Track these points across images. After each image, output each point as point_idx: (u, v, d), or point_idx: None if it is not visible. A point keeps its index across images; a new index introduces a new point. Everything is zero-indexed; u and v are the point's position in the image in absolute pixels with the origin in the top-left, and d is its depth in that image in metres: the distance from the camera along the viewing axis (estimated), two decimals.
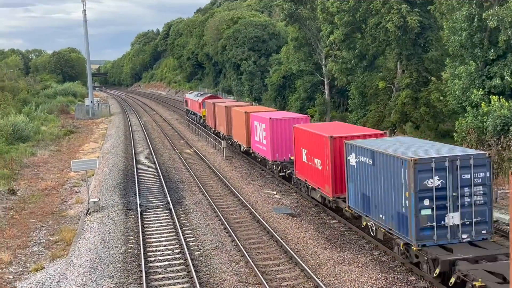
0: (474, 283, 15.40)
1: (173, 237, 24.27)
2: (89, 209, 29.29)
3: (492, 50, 32.12)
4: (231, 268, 20.31)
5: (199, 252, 22.19)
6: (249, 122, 40.24)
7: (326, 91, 61.41)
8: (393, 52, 46.35)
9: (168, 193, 32.15)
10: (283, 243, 22.22)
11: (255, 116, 38.32)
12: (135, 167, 41.14)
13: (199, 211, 28.37)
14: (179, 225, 25.70)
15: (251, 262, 20.26)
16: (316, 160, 26.66)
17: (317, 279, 18.43)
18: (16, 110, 68.23)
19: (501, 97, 30.86)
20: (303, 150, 28.66)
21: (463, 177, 17.91)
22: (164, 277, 19.73)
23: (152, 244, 23.42)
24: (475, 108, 32.01)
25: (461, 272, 16.16)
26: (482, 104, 31.11)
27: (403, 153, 18.55)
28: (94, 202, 29.43)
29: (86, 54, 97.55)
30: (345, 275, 19.02)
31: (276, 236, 23.18)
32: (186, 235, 24.40)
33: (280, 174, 34.23)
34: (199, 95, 73.11)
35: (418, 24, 42.37)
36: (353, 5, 47.23)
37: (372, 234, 21.43)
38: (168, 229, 25.60)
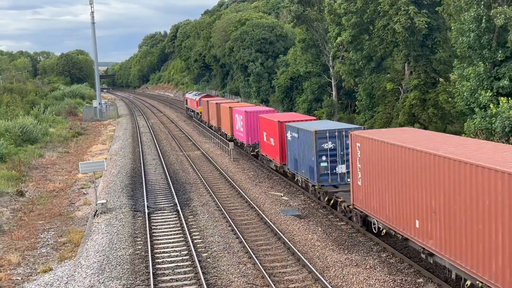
0: (339, 200, 25.31)
1: (180, 239, 24.28)
2: (97, 210, 29.36)
3: (501, 51, 31.96)
4: (238, 270, 20.29)
5: (206, 254, 22.18)
6: (232, 115, 49.11)
7: (334, 93, 61.32)
8: (401, 53, 46.22)
9: (176, 194, 32.18)
10: (291, 244, 22.18)
11: (236, 110, 47.21)
12: (142, 168, 41.21)
13: (207, 213, 28.38)
14: (187, 226, 25.71)
15: (259, 264, 20.24)
16: (271, 139, 35.77)
17: (324, 281, 18.38)
18: (25, 112, 68.59)
19: (509, 98, 30.68)
20: (264, 133, 37.57)
21: (346, 142, 25.77)
22: (172, 279, 19.74)
23: (160, 246, 23.43)
24: (483, 110, 31.85)
25: (336, 197, 25.86)
26: (490, 106, 30.95)
27: (311, 128, 28.07)
28: (102, 204, 29.49)
29: (94, 56, 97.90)
30: (353, 277, 18.96)
31: (284, 237, 23.14)
32: (194, 237, 24.40)
33: (252, 153, 42.95)
34: (196, 94, 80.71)
35: (426, 26, 42.25)
36: (361, 7, 47.17)
37: (299, 184, 31.14)
38: (175, 230, 25.61)
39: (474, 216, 14.68)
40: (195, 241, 23.85)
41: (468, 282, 15.34)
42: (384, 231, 20.54)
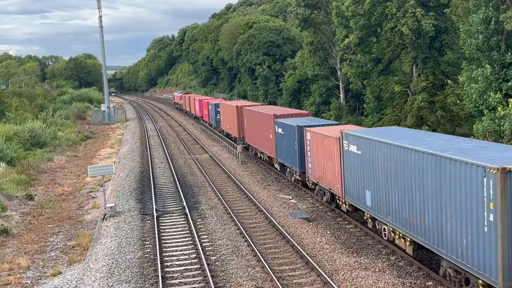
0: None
1: (189, 242, 24.30)
2: (105, 214, 29.43)
3: (509, 53, 31.81)
4: (247, 273, 20.29)
5: (215, 257, 22.19)
6: (193, 102, 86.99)
7: (342, 95, 61.27)
8: (408, 55, 46.15)
9: (184, 198, 32.22)
10: (299, 248, 22.15)
11: (195, 99, 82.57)
12: (151, 172, 41.30)
13: (215, 216, 28.39)
14: (195, 230, 25.73)
15: (267, 267, 20.22)
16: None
17: (333, 284, 18.34)
18: (33, 116, 68.86)
19: None
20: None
21: None
22: (181, 282, 19.76)
23: (169, 249, 23.47)
24: (492, 112, 31.71)
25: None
26: (498, 108, 30.81)
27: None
28: (111, 207, 29.55)
29: (102, 60, 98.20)
30: (362, 280, 18.91)
31: (292, 241, 23.12)
32: (202, 240, 24.42)
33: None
34: (180, 93, 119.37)
35: (433, 28, 42.15)
36: (368, 9, 47.13)
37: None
38: (184, 234, 25.64)
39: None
40: (204, 244, 23.86)
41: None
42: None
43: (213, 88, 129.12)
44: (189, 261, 21.84)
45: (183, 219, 28.12)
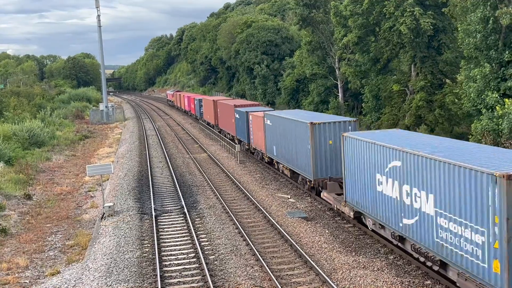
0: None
1: (187, 241, 24.31)
2: (104, 213, 29.42)
3: (507, 52, 31.82)
4: (246, 272, 20.30)
5: (213, 256, 22.20)
6: (182, 98, 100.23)
7: (340, 95, 61.29)
8: (407, 54, 46.14)
9: (183, 197, 32.23)
10: (298, 247, 22.17)
11: (185, 96, 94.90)
12: (149, 171, 41.29)
13: (214, 215, 28.40)
14: (194, 229, 25.74)
15: (266, 266, 20.24)
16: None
17: (332, 283, 18.36)
18: (32, 115, 68.80)
19: None
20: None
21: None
22: (179, 281, 19.76)
23: (167, 248, 23.47)
24: (490, 111, 31.73)
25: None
26: (496, 107, 30.82)
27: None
28: (109, 207, 29.54)
29: (100, 59, 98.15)
30: (360, 279, 18.93)
31: (291, 240, 23.14)
32: (201, 239, 24.43)
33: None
34: (172, 91, 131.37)
35: (431, 27, 42.17)
36: (367, 8, 47.13)
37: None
38: (182, 233, 25.65)
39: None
40: (202, 243, 23.87)
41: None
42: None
43: (211, 87, 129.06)
44: (188, 260, 21.85)
45: (182, 218, 28.13)
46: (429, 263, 17.96)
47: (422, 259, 18.40)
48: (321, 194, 28.18)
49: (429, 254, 17.68)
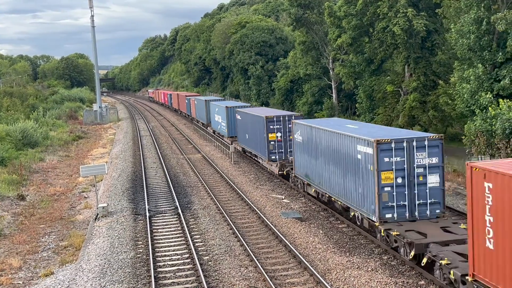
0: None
1: (182, 242, 24.29)
2: (98, 214, 29.36)
3: (501, 53, 31.94)
4: (240, 273, 20.30)
5: (208, 257, 22.19)
6: (159, 94, 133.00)
7: (334, 95, 61.38)
8: (400, 55, 46.28)
9: (177, 197, 32.19)
10: (292, 247, 22.19)
11: (162, 93, 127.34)
12: (143, 172, 41.22)
13: (208, 216, 28.38)
14: (188, 230, 25.72)
15: (260, 267, 20.24)
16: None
17: (326, 284, 18.38)
18: (25, 115, 68.52)
19: (509, 100, 30.66)
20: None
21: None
22: (173, 282, 19.74)
23: (161, 249, 23.44)
24: (483, 111, 31.83)
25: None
26: (490, 108, 30.93)
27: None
28: (103, 207, 29.49)
29: (94, 59, 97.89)
30: (354, 280, 18.96)
31: (285, 240, 23.15)
32: (195, 240, 24.41)
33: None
34: (152, 90, 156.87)
35: (424, 28, 42.29)
36: (361, 9, 47.23)
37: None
38: (177, 234, 25.62)
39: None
40: (196, 244, 23.86)
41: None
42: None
43: (205, 88, 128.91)
44: (182, 261, 21.83)
45: (176, 219, 28.10)
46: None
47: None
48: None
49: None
